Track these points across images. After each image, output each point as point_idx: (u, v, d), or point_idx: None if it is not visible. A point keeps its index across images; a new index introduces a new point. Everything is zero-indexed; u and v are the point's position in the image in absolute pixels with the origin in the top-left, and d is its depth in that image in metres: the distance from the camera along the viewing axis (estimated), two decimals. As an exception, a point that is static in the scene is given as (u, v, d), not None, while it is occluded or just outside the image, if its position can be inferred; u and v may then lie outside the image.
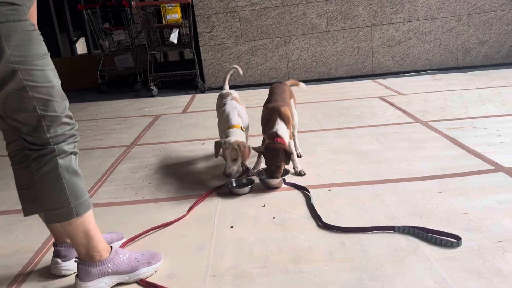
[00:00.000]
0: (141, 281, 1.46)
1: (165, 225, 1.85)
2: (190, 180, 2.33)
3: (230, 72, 2.87)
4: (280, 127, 2.18)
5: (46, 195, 1.32)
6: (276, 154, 2.09)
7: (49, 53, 1.31)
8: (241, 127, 2.28)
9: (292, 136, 2.44)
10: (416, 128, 2.95)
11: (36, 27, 1.30)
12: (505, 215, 1.70)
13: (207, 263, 1.54)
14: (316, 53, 5.20)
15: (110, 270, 1.41)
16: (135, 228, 1.83)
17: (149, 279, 1.46)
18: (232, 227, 1.79)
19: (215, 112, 3.96)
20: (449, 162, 2.29)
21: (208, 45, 5.17)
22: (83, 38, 7.59)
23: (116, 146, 3.11)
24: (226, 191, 2.15)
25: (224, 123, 2.33)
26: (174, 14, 4.88)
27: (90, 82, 5.86)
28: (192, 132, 3.34)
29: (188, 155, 2.77)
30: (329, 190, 2.07)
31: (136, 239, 1.75)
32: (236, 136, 2.20)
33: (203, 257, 1.58)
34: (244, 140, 2.24)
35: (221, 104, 2.49)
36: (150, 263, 1.50)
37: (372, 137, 2.80)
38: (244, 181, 2.20)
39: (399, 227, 1.64)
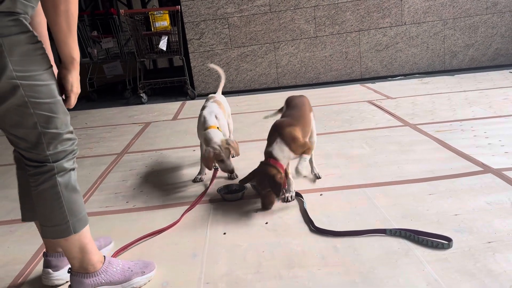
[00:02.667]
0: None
1: (157, 232, 1.84)
2: (182, 187, 2.33)
3: (222, 81, 2.88)
4: (277, 148, 1.94)
5: (43, 211, 1.31)
6: (262, 180, 1.91)
7: (51, 66, 1.27)
8: (217, 127, 2.27)
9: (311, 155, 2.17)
10: (405, 131, 2.98)
11: (47, 34, 1.27)
12: (494, 216, 1.72)
13: (200, 270, 1.54)
14: (305, 58, 5.23)
15: (103, 281, 1.41)
16: (127, 237, 1.82)
17: None
18: (225, 233, 1.79)
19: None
20: (438, 164, 2.31)
21: (197, 52, 5.18)
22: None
23: (107, 155, 3.09)
24: (218, 198, 2.15)
25: (201, 125, 2.33)
26: (163, 21, 4.89)
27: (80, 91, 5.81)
28: (182, 139, 3.34)
29: (179, 162, 2.76)
30: (320, 195, 2.08)
31: (129, 247, 1.74)
32: (217, 136, 2.20)
33: (196, 265, 1.57)
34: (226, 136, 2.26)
35: (202, 108, 2.48)
36: (144, 272, 1.49)
37: (362, 141, 2.82)
38: (236, 187, 2.20)
39: (390, 229, 1.66)
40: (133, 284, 1.46)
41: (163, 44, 4.89)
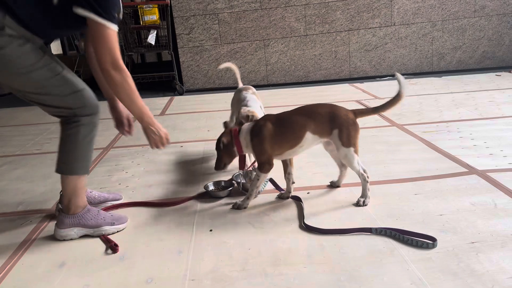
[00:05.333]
0: (102, 236, 1.76)
1: (153, 204, 2.06)
2: (168, 183, 2.31)
3: (237, 72, 2.82)
4: (246, 128, 1.94)
5: (61, 150, 1.70)
6: (217, 143, 1.98)
7: (44, 54, 1.61)
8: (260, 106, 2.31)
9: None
10: (393, 131, 3.00)
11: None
12: (478, 216, 1.74)
13: (186, 267, 1.52)
14: (294, 56, 5.23)
15: (79, 223, 1.76)
16: (113, 234, 1.81)
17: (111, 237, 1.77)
18: (211, 230, 1.78)
19: (194, 114, 3.94)
20: (424, 165, 2.33)
21: (186, 47, 5.14)
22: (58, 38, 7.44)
23: (92, 149, 3.05)
24: (205, 195, 2.14)
25: (239, 103, 2.36)
26: (151, 15, 4.84)
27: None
28: (170, 134, 3.29)
29: (167, 158, 2.74)
30: (307, 193, 2.08)
31: (119, 208, 2.03)
32: (252, 110, 2.20)
33: (182, 261, 1.56)
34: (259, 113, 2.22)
35: (240, 98, 2.42)
36: (114, 223, 1.80)
37: (349, 140, 2.83)
38: (223, 184, 2.19)
39: (376, 228, 1.67)
40: (102, 230, 1.77)
41: (151, 38, 4.85)
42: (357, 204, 1.91)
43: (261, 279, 1.42)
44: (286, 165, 2.02)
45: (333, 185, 2.13)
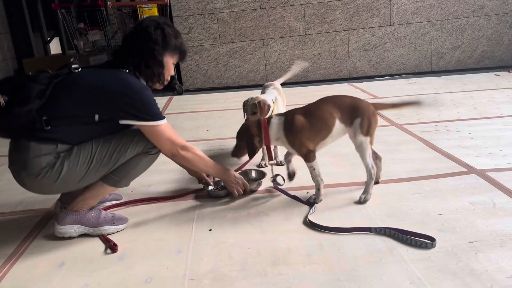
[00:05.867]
0: (101, 236, 1.76)
1: (154, 199, 2.10)
2: (167, 183, 2.31)
3: (291, 73, 2.99)
4: (278, 118, 1.98)
5: (127, 166, 1.76)
6: (242, 133, 2.01)
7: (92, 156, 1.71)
8: (273, 101, 2.38)
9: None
10: (392, 131, 3.00)
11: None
12: (477, 216, 1.74)
13: (185, 266, 1.53)
14: (294, 56, 5.23)
15: (80, 220, 1.76)
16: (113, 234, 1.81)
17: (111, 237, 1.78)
18: (210, 230, 1.78)
19: (193, 114, 3.95)
20: (423, 164, 2.33)
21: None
22: (57, 38, 7.43)
23: (92, 148, 3.04)
24: (205, 194, 2.14)
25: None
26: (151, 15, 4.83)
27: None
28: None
29: (166, 158, 2.73)
30: (307, 192, 2.08)
31: (121, 207, 2.05)
32: (263, 96, 2.35)
33: (181, 261, 1.56)
34: (270, 101, 2.34)
35: (261, 93, 2.60)
36: (114, 223, 1.81)
37: (348, 140, 2.82)
38: (222, 184, 2.19)
39: (375, 228, 1.67)
40: (102, 230, 1.78)
41: (151, 38, 4.84)
42: (358, 202, 1.94)
43: (261, 279, 1.43)
44: (289, 152, 2.07)
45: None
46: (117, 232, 1.80)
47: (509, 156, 2.37)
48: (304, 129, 1.89)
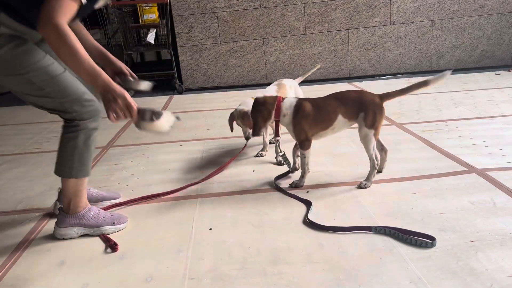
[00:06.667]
0: (102, 236, 1.77)
1: (153, 196, 2.11)
2: (167, 183, 2.31)
3: (312, 70, 3.09)
4: (290, 99, 2.15)
5: (60, 153, 1.70)
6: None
7: (44, 56, 1.58)
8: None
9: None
10: (392, 130, 3.00)
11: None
12: (477, 215, 1.74)
13: (185, 265, 1.53)
14: (294, 55, 5.23)
15: (79, 222, 1.76)
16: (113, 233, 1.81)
17: (111, 236, 1.78)
18: (210, 229, 1.78)
19: (193, 113, 3.97)
20: (423, 163, 2.34)
21: (186, 46, 5.14)
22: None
23: (92, 148, 3.05)
24: (204, 194, 2.14)
25: None
26: (151, 14, 4.83)
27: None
28: (169, 133, 3.31)
29: (166, 157, 2.74)
30: (307, 192, 2.08)
31: (121, 207, 2.04)
32: (243, 105, 2.48)
33: (181, 260, 1.56)
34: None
35: None
36: (114, 223, 1.81)
37: (349, 139, 2.84)
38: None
39: (375, 227, 1.67)
40: (102, 230, 1.78)
41: (151, 37, 4.84)
42: (359, 186, 2.08)
43: (261, 278, 1.43)
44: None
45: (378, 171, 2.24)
46: (117, 231, 1.81)
47: (509, 156, 2.37)
48: (309, 116, 2.05)
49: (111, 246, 1.67)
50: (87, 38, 1.80)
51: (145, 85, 1.81)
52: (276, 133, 2.16)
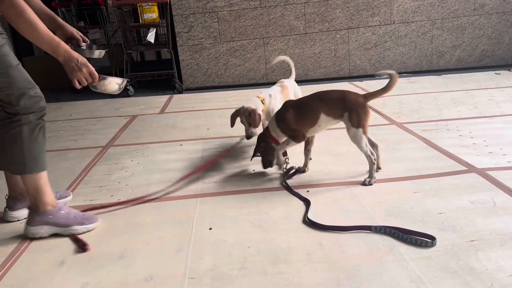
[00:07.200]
0: (71, 236, 1.76)
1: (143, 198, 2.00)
2: (167, 182, 2.31)
3: (292, 66, 3.05)
4: (271, 122, 2.25)
5: (9, 150, 1.68)
6: (257, 146, 2.29)
7: (5, 43, 1.58)
8: (262, 99, 2.52)
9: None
10: (392, 129, 3.00)
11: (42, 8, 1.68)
12: (477, 215, 1.74)
13: (185, 265, 1.53)
14: (294, 55, 5.23)
15: (49, 221, 1.76)
16: (111, 230, 1.81)
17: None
18: (210, 228, 1.78)
19: (193, 112, 3.96)
20: (423, 163, 2.33)
21: (186, 45, 5.14)
22: (57, 36, 7.43)
23: (91, 147, 3.05)
24: (204, 193, 2.14)
25: None
26: (151, 13, 4.83)
27: (64, 82, 5.70)
28: (169, 133, 3.31)
29: (166, 157, 2.74)
30: (307, 191, 2.08)
31: (108, 208, 2.02)
32: (251, 103, 2.47)
33: (181, 259, 1.56)
34: (258, 107, 2.46)
35: None
36: (84, 223, 1.80)
37: (349, 139, 2.83)
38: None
39: (375, 227, 1.67)
40: (72, 230, 1.77)
41: (151, 37, 4.84)
42: (363, 183, 2.10)
43: (260, 278, 1.43)
44: (308, 142, 2.30)
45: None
46: (87, 231, 1.80)
47: (509, 155, 2.37)
48: (292, 119, 2.14)
49: (81, 246, 1.68)
50: (35, 2, 1.74)
51: (97, 53, 1.85)
52: (284, 154, 2.29)
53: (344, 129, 3.05)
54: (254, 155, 2.35)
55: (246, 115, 2.44)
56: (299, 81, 5.24)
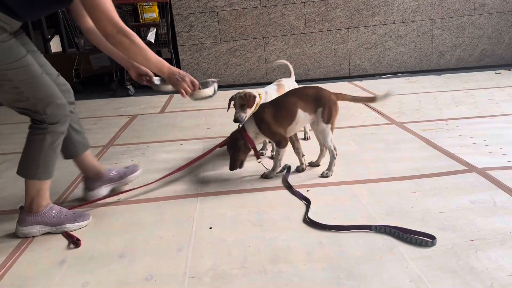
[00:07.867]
0: (64, 233, 1.78)
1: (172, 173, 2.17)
2: (168, 181, 2.31)
3: (290, 67, 3.09)
4: (248, 121, 2.23)
5: (26, 154, 1.71)
6: (229, 144, 2.22)
7: (26, 54, 1.59)
8: (259, 94, 2.48)
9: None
10: (392, 129, 3.00)
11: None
12: (477, 214, 1.75)
13: (185, 264, 1.53)
14: (294, 54, 5.23)
15: (41, 221, 1.78)
16: (111, 229, 1.81)
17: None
18: (211, 228, 1.78)
19: (193, 112, 3.97)
20: (423, 162, 2.34)
21: (186, 45, 5.14)
22: (58, 36, 7.43)
23: (92, 147, 3.03)
24: (204, 193, 2.14)
25: None
26: (151, 13, 4.83)
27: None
28: (170, 132, 3.31)
29: (166, 156, 2.74)
30: (307, 190, 2.08)
31: (120, 200, 1.95)
32: (247, 91, 2.45)
33: (181, 259, 1.56)
34: (255, 92, 2.44)
35: None
36: (76, 220, 1.83)
37: (349, 138, 2.84)
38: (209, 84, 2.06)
39: (375, 226, 1.67)
40: (64, 228, 1.80)
41: (151, 36, 4.84)
42: (321, 175, 2.23)
43: (261, 277, 1.43)
44: (293, 142, 2.31)
45: (312, 165, 2.39)
46: (79, 228, 1.83)
47: (509, 155, 2.37)
48: (271, 118, 2.15)
49: (74, 242, 1.70)
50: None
51: (169, 87, 1.98)
52: (257, 157, 2.26)
53: (343, 128, 3.06)
54: (237, 166, 2.22)
55: (241, 96, 2.40)
56: (299, 81, 5.26)
